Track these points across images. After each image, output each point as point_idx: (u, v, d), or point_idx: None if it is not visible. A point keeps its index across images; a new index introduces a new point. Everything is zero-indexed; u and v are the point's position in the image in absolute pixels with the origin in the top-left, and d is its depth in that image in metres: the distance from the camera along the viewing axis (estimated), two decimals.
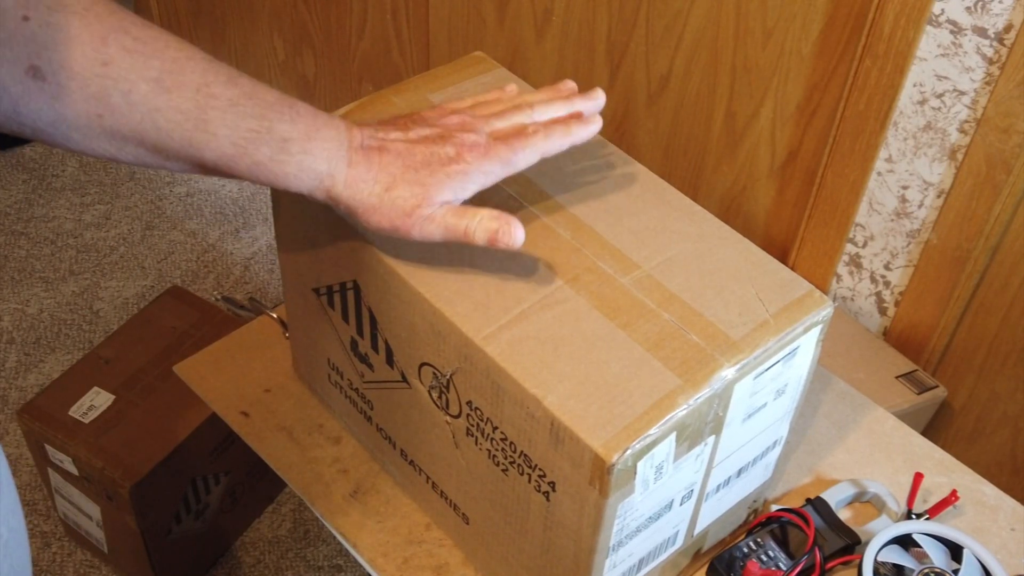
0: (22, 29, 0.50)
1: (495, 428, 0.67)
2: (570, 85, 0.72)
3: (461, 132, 0.64)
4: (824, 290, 1.41)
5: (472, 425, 0.70)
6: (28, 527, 0.52)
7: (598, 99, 0.70)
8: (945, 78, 1.18)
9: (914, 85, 1.21)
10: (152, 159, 0.57)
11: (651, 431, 0.61)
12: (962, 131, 1.20)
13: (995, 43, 1.12)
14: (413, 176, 0.62)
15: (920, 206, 1.28)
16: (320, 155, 0.61)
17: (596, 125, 0.68)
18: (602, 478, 0.60)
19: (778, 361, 0.68)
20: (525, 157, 0.65)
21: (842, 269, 1.41)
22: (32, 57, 0.51)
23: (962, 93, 1.18)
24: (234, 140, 0.58)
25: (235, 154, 0.58)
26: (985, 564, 0.76)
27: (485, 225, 0.63)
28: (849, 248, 1.38)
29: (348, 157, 0.62)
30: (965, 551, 0.77)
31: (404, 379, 0.75)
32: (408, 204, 0.62)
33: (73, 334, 1.77)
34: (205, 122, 0.56)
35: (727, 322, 0.67)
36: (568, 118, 0.68)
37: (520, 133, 0.66)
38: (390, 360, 0.75)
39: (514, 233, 0.63)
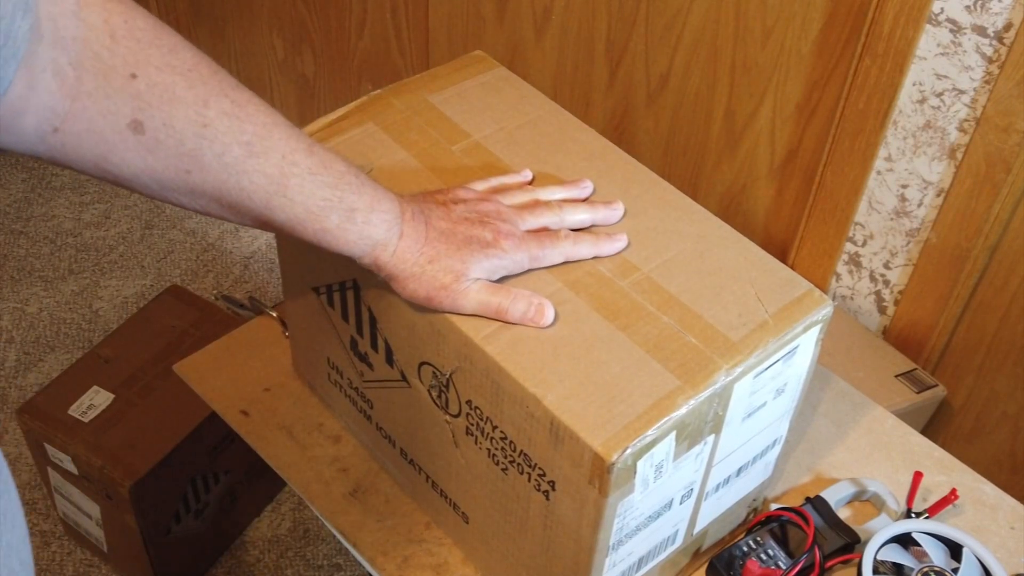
0: (129, 86, 0.52)
1: (495, 427, 0.67)
2: (587, 183, 0.76)
3: (498, 220, 0.68)
4: (823, 289, 1.41)
5: (472, 424, 0.70)
6: (28, 526, 0.51)
7: (618, 210, 0.74)
8: (945, 77, 1.18)
9: (913, 84, 1.21)
10: (221, 212, 0.60)
11: (650, 430, 0.61)
12: (962, 130, 1.20)
13: (994, 42, 1.12)
14: (455, 253, 0.66)
15: (919, 205, 1.28)
16: (379, 225, 0.65)
17: (621, 243, 0.72)
18: (602, 477, 0.60)
19: (777, 360, 0.69)
20: (552, 257, 0.70)
21: (841, 268, 1.41)
22: (136, 112, 0.53)
23: (961, 92, 1.18)
24: (308, 207, 0.61)
25: (306, 219, 0.62)
26: (984, 563, 0.76)
27: (518, 305, 0.66)
28: (848, 247, 1.38)
29: (401, 229, 0.66)
30: (964, 550, 0.77)
31: (404, 378, 0.75)
32: (447, 278, 0.66)
33: (72, 333, 1.77)
34: (285, 187, 0.60)
35: (726, 323, 0.67)
36: (598, 231, 0.73)
37: (552, 235, 0.70)
38: (390, 359, 0.75)
39: (547, 315, 0.66)
